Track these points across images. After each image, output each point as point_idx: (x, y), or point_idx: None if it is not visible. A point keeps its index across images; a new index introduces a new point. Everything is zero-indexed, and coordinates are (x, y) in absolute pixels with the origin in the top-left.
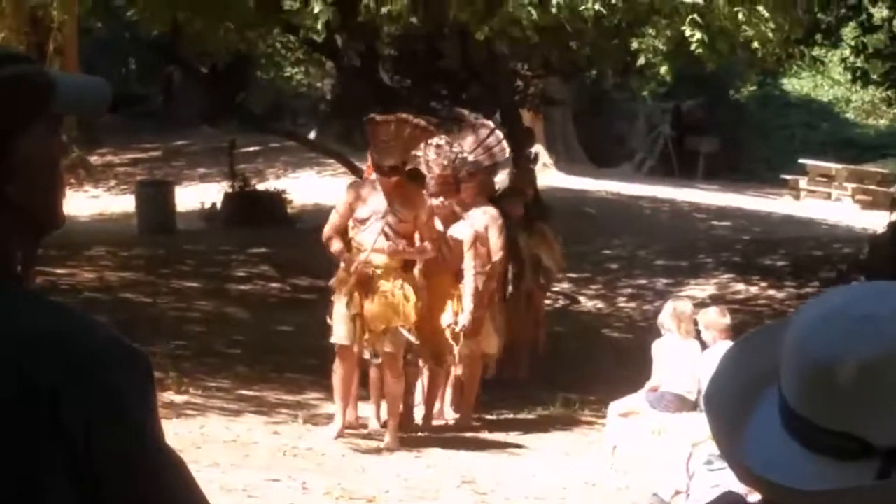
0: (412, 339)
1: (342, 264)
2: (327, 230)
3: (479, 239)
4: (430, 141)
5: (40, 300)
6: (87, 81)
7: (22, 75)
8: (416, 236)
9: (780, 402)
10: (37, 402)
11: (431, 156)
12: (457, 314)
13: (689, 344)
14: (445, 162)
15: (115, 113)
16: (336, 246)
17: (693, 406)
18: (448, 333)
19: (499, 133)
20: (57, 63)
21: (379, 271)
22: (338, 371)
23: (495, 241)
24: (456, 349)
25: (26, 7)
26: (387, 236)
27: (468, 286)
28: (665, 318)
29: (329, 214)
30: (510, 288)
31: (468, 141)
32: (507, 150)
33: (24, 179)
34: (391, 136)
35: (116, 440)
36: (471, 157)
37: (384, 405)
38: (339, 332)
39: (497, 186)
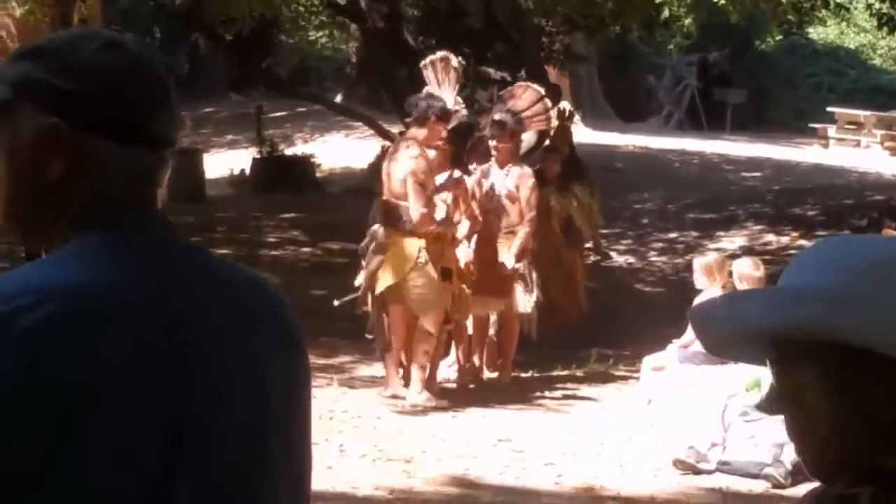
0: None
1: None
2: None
3: (510, 196)
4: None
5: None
6: None
7: None
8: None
9: None
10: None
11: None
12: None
13: None
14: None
15: None
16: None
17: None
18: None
19: (548, 101)
20: None
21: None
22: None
23: (527, 199)
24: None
25: None
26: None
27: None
28: (697, 278)
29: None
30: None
31: (522, 102)
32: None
33: None
34: (442, 76)
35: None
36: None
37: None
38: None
39: (524, 145)
